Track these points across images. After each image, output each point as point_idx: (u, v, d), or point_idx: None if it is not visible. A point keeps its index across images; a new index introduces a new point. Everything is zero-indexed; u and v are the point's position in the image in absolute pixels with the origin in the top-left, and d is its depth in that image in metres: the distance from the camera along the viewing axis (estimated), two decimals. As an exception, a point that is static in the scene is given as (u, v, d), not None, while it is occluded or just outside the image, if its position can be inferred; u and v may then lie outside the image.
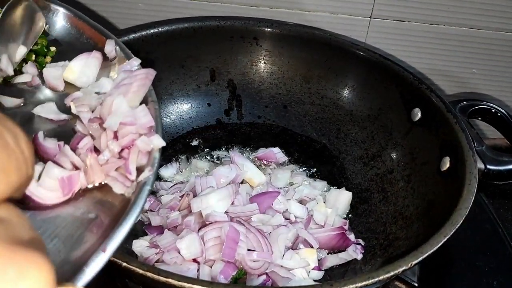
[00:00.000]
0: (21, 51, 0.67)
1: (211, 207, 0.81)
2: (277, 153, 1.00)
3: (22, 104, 0.64)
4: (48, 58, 0.71)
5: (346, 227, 0.86)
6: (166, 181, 0.93)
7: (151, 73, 0.62)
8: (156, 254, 0.78)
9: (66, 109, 0.64)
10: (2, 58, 0.65)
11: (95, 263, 0.44)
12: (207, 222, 0.80)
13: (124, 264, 0.60)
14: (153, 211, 0.86)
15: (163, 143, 0.56)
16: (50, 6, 0.73)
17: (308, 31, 1.02)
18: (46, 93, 0.67)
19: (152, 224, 0.83)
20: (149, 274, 0.59)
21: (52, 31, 0.74)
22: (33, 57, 0.70)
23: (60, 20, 0.74)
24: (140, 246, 0.79)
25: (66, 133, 0.60)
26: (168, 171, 0.96)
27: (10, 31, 0.67)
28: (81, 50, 0.69)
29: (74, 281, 0.43)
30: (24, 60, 0.69)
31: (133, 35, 0.95)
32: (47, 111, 0.63)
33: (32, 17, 0.70)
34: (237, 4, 1.04)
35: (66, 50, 0.72)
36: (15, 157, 0.32)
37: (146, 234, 0.82)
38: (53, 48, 0.72)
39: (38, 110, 0.63)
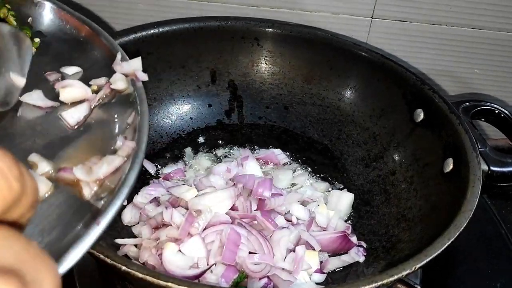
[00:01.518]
0: (18, 81, 0.64)
1: (211, 208, 0.81)
2: (278, 155, 0.99)
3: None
4: (33, 49, 0.72)
5: (349, 231, 0.86)
6: (171, 180, 0.93)
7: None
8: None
9: (53, 96, 0.65)
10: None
11: (89, 237, 0.45)
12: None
13: (124, 268, 0.59)
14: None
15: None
16: (40, 2, 0.74)
17: (310, 31, 1.01)
18: None
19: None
20: (148, 278, 0.58)
21: (39, 24, 0.74)
22: None
23: (46, 13, 0.75)
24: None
25: (52, 120, 0.61)
26: (177, 165, 0.96)
27: None
28: (65, 41, 0.72)
29: (66, 257, 0.43)
30: None
31: (133, 36, 0.94)
32: (35, 98, 0.63)
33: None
34: (238, 5, 1.04)
35: (50, 41, 0.73)
36: None
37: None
38: (37, 40, 0.73)
39: (25, 98, 0.63)
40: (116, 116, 0.63)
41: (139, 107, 0.61)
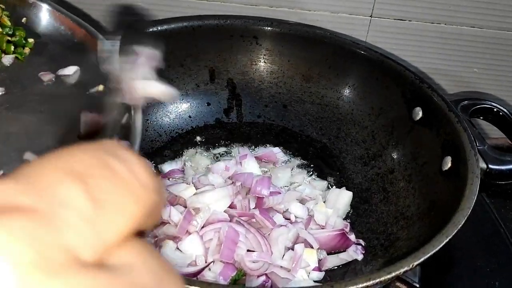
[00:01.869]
0: None
1: (210, 206, 0.81)
2: (277, 153, 0.99)
3: None
4: (27, 49, 0.74)
5: (348, 229, 0.86)
6: (169, 178, 0.93)
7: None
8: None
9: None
10: None
11: None
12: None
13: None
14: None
15: None
16: (35, 3, 0.76)
17: (309, 30, 1.01)
18: None
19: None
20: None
21: (34, 25, 0.77)
22: (12, 48, 0.71)
23: (41, 15, 0.77)
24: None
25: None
26: (176, 163, 0.96)
27: None
28: (60, 42, 0.74)
29: None
30: (3, 51, 0.71)
31: (132, 34, 0.94)
32: None
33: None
34: (237, 3, 1.04)
35: (45, 42, 0.76)
36: (127, 187, 0.28)
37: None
38: (31, 40, 0.74)
39: None
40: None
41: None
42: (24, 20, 0.75)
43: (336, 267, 0.82)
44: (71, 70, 0.73)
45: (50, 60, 0.74)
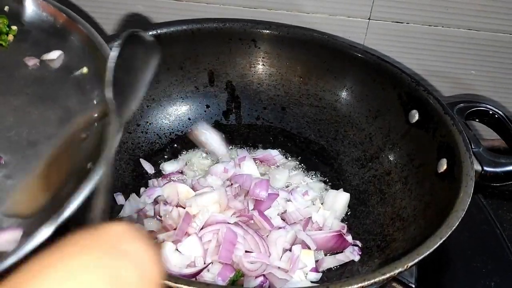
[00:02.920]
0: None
1: (208, 208, 0.82)
2: (275, 156, 1.00)
3: None
4: (11, 36, 0.77)
5: (345, 230, 0.87)
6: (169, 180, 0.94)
7: None
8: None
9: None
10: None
11: None
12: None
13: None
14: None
15: None
16: None
17: (306, 33, 1.02)
18: None
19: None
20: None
21: (16, 12, 0.79)
22: None
23: (24, 2, 0.79)
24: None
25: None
26: (172, 166, 0.97)
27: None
28: (43, 29, 0.77)
29: None
30: None
31: (132, 37, 0.95)
32: None
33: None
34: (236, 6, 1.05)
35: (29, 29, 0.78)
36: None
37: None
38: (14, 27, 0.76)
39: None
40: None
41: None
42: (6, 8, 0.78)
43: (333, 268, 0.83)
44: (55, 55, 0.75)
45: (34, 46, 0.77)
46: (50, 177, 0.59)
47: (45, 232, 0.47)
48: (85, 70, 0.73)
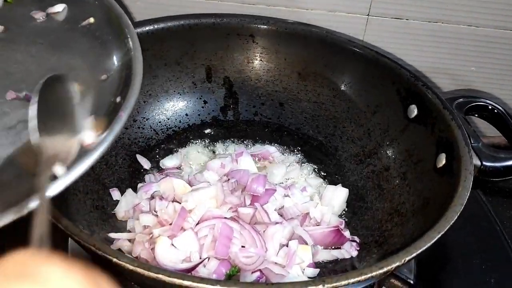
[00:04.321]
0: None
1: (205, 203, 0.81)
2: (273, 153, 1.00)
3: None
4: None
5: (342, 226, 0.86)
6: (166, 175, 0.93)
7: None
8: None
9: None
10: None
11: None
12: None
13: (114, 260, 0.60)
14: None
15: None
16: None
17: (304, 28, 1.02)
18: None
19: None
20: (139, 269, 0.58)
21: None
22: None
23: None
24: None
25: None
26: (172, 161, 0.96)
27: None
28: None
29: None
30: None
31: (129, 32, 0.94)
32: None
33: None
34: (234, 2, 1.04)
35: None
36: None
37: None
38: None
39: None
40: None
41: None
42: None
43: (330, 264, 0.82)
44: (60, 8, 0.79)
45: (38, 1, 0.80)
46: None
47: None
48: (91, 20, 0.77)
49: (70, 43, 0.75)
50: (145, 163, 0.95)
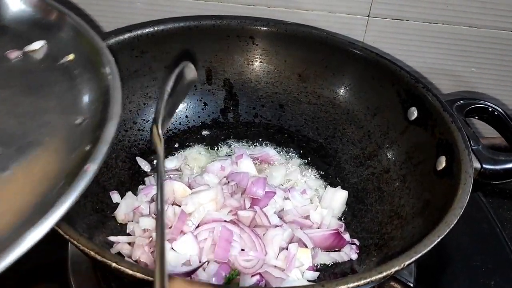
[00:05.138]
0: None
1: (204, 206, 0.81)
2: (273, 155, 1.00)
3: None
4: None
5: (342, 228, 0.86)
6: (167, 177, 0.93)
7: None
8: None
9: None
10: None
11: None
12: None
13: (114, 264, 0.60)
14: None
15: None
16: None
17: (304, 30, 1.02)
18: None
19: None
20: (138, 274, 0.58)
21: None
22: None
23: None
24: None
25: None
26: (172, 163, 0.96)
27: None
28: (23, 20, 0.77)
29: None
30: None
31: (129, 35, 0.94)
32: None
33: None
34: (234, 3, 1.04)
35: (7, 24, 0.77)
36: None
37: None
38: None
39: None
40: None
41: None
42: None
43: (330, 267, 0.82)
44: (37, 45, 0.74)
45: (15, 39, 0.75)
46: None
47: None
48: (71, 57, 0.72)
49: (45, 84, 0.69)
50: (145, 166, 0.95)
